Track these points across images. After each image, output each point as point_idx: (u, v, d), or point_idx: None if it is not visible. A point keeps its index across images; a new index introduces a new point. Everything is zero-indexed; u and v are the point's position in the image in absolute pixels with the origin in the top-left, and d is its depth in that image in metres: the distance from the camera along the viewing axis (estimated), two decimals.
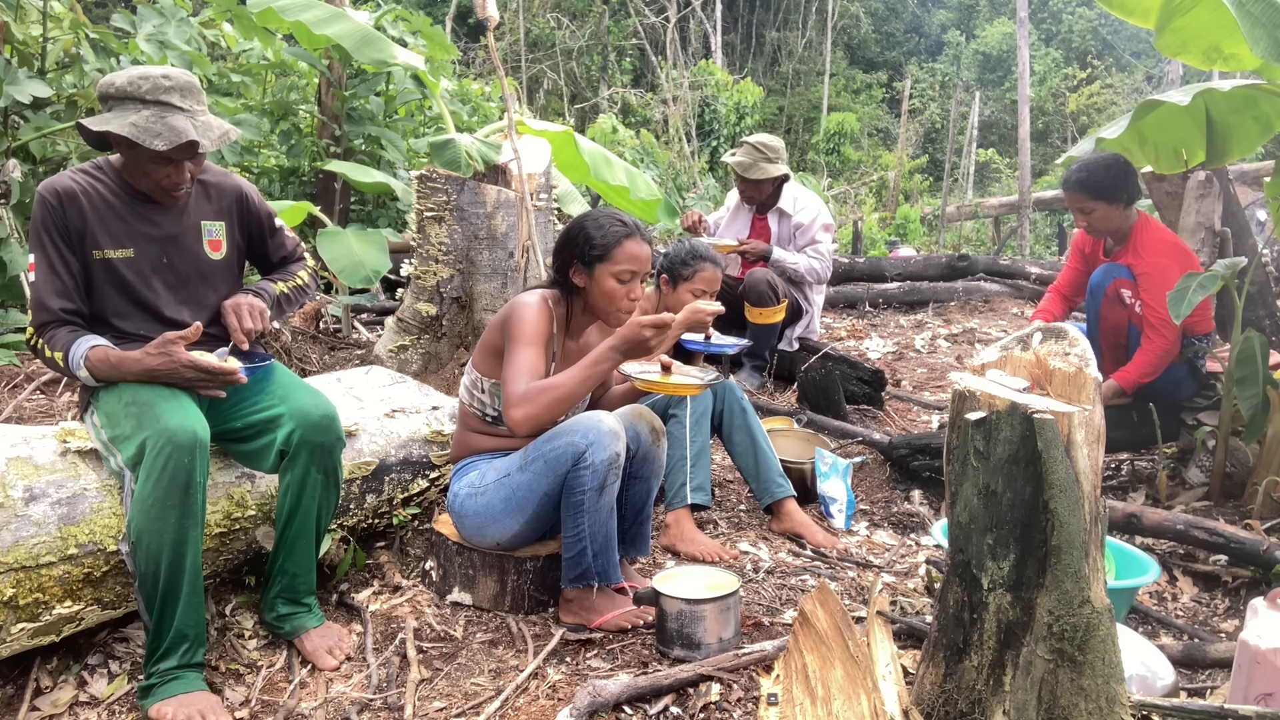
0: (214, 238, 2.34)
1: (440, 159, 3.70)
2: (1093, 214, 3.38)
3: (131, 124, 2.08)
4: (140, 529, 1.95)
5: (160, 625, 1.98)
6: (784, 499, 3.05)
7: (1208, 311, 3.41)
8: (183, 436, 1.97)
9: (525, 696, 2.04)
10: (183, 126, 2.11)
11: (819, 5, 23.02)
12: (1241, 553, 2.54)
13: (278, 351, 4.22)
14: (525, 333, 2.31)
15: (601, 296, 2.38)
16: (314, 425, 2.18)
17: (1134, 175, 3.37)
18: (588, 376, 2.21)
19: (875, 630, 1.91)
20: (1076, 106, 20.49)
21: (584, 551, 2.28)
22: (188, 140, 2.09)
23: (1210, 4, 2.77)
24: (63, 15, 4.84)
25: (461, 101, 8.26)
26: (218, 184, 2.38)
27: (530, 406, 2.18)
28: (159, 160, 2.14)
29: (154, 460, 1.95)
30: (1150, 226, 3.39)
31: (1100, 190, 3.33)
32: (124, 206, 2.21)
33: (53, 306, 2.13)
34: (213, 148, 2.16)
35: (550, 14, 17.39)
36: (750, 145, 4.63)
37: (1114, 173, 3.31)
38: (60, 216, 2.14)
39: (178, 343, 2.07)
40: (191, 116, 2.15)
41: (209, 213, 2.34)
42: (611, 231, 2.35)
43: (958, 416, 1.59)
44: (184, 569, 1.97)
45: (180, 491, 1.95)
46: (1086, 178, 3.35)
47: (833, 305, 7.52)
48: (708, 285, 3.17)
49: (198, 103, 2.19)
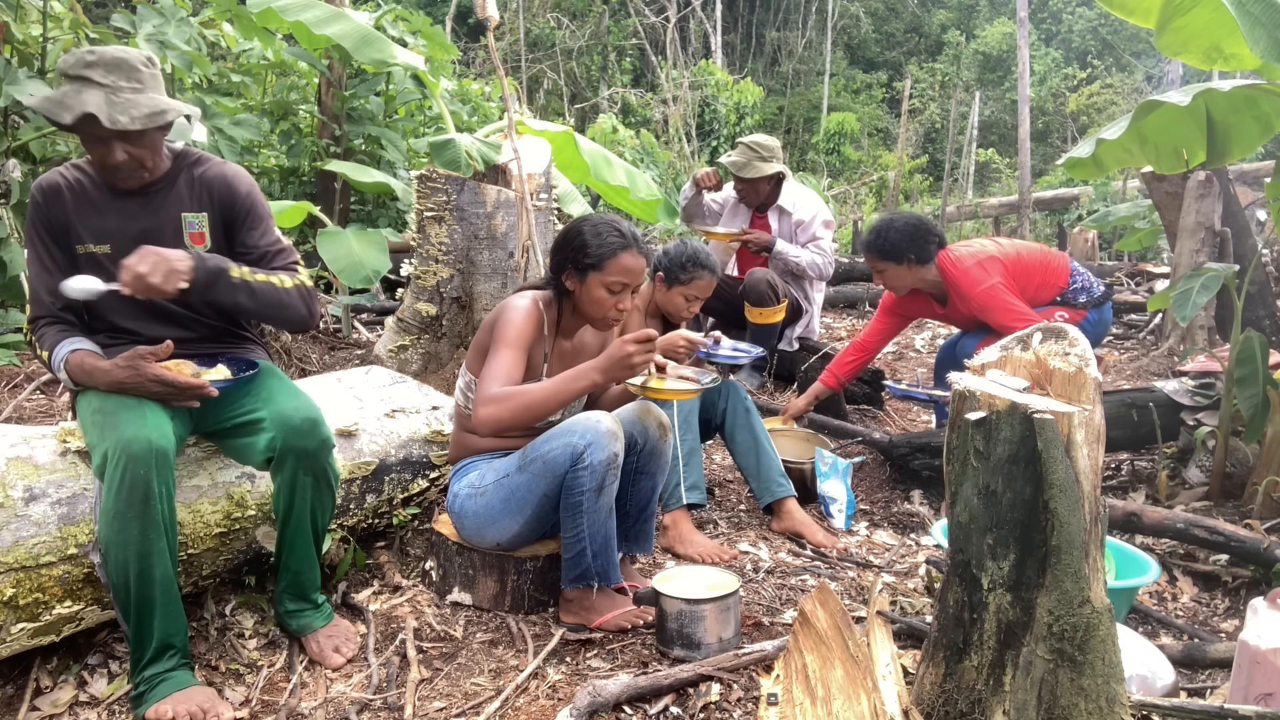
0: (195, 230, 2.27)
1: (440, 159, 3.70)
2: (884, 273, 3.64)
3: (46, 97, 2.04)
4: (106, 541, 1.93)
5: (140, 635, 1.97)
6: (784, 498, 3.06)
7: (1036, 276, 3.60)
8: (137, 447, 1.93)
9: (525, 696, 2.04)
10: (90, 100, 2.01)
11: (819, 5, 23.01)
12: (1241, 552, 2.54)
13: (278, 351, 4.22)
14: (508, 335, 2.31)
15: (591, 303, 2.39)
16: (295, 430, 2.14)
17: (923, 236, 3.55)
18: (563, 391, 2.21)
19: (875, 630, 1.91)
20: (1076, 106, 20.48)
21: (583, 552, 2.28)
22: (84, 113, 2.00)
23: (1210, 4, 2.77)
24: (63, 15, 4.84)
25: (461, 101, 8.26)
26: (204, 174, 2.29)
27: (497, 408, 2.19)
28: (91, 142, 2.08)
29: (113, 471, 1.92)
30: (950, 265, 3.54)
31: (885, 252, 3.57)
32: (104, 201, 2.20)
33: (45, 301, 2.16)
34: (130, 125, 2.04)
35: (550, 14, 17.39)
36: (745, 145, 4.64)
37: (899, 235, 3.54)
38: (45, 213, 2.15)
39: (147, 358, 2.04)
40: (112, 92, 2.04)
41: (190, 204, 2.27)
42: (608, 242, 2.35)
43: (958, 416, 1.59)
44: (153, 580, 1.95)
45: (140, 503, 1.92)
46: (873, 240, 3.62)
47: (833, 305, 7.53)
48: (700, 293, 3.16)
49: (125, 79, 2.07)
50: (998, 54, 22.95)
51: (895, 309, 3.88)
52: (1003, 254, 3.54)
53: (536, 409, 2.20)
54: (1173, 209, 4.93)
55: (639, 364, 2.18)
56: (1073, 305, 3.62)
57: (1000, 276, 3.46)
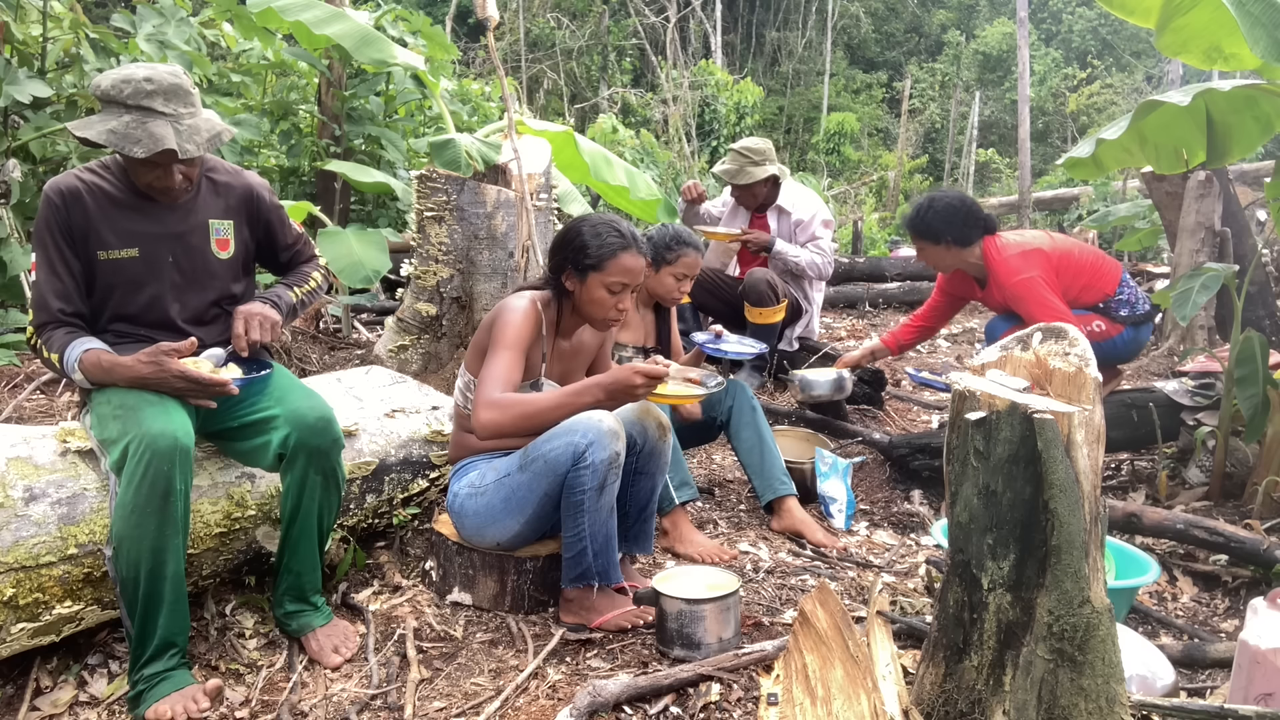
0: (222, 236, 2.32)
1: (440, 159, 3.69)
2: (923, 251, 3.60)
3: (110, 130, 2.06)
4: (120, 535, 1.93)
5: (144, 632, 1.97)
6: (785, 497, 3.06)
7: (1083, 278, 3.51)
8: (163, 443, 1.94)
9: (525, 696, 2.04)
10: (162, 133, 2.07)
11: (819, 5, 23.02)
12: (1241, 552, 2.54)
13: (278, 351, 4.22)
14: (507, 337, 2.31)
15: (590, 304, 2.40)
16: (309, 428, 2.16)
17: (962, 218, 3.49)
18: (566, 406, 2.22)
19: (875, 630, 1.91)
20: (1076, 106, 20.49)
21: (584, 551, 2.28)
22: (164, 149, 2.06)
23: (1210, 4, 2.77)
24: (63, 15, 4.84)
25: (461, 101, 8.27)
26: (228, 181, 2.35)
27: (499, 414, 2.19)
28: (146, 165, 2.12)
29: (134, 466, 1.93)
30: (994, 252, 3.49)
31: (921, 231, 3.53)
32: (129, 205, 2.20)
33: (52, 307, 2.13)
34: (198, 152, 2.12)
35: (550, 14, 17.39)
36: (735, 152, 4.65)
37: (936, 216, 3.49)
38: (64, 217, 2.13)
39: (171, 354, 2.06)
40: (175, 120, 2.11)
41: (217, 211, 2.32)
42: (609, 242, 2.36)
43: (958, 416, 1.59)
44: (165, 576, 1.95)
45: (160, 498, 1.93)
46: (912, 217, 3.57)
47: (833, 305, 7.53)
48: (688, 270, 3.21)
49: (183, 105, 2.14)
50: (998, 54, 22.96)
51: (945, 288, 3.87)
52: (1051, 248, 3.47)
53: (537, 420, 2.22)
54: (1173, 209, 4.93)
55: (643, 395, 2.24)
56: (1111, 317, 3.54)
57: (1040, 270, 3.39)
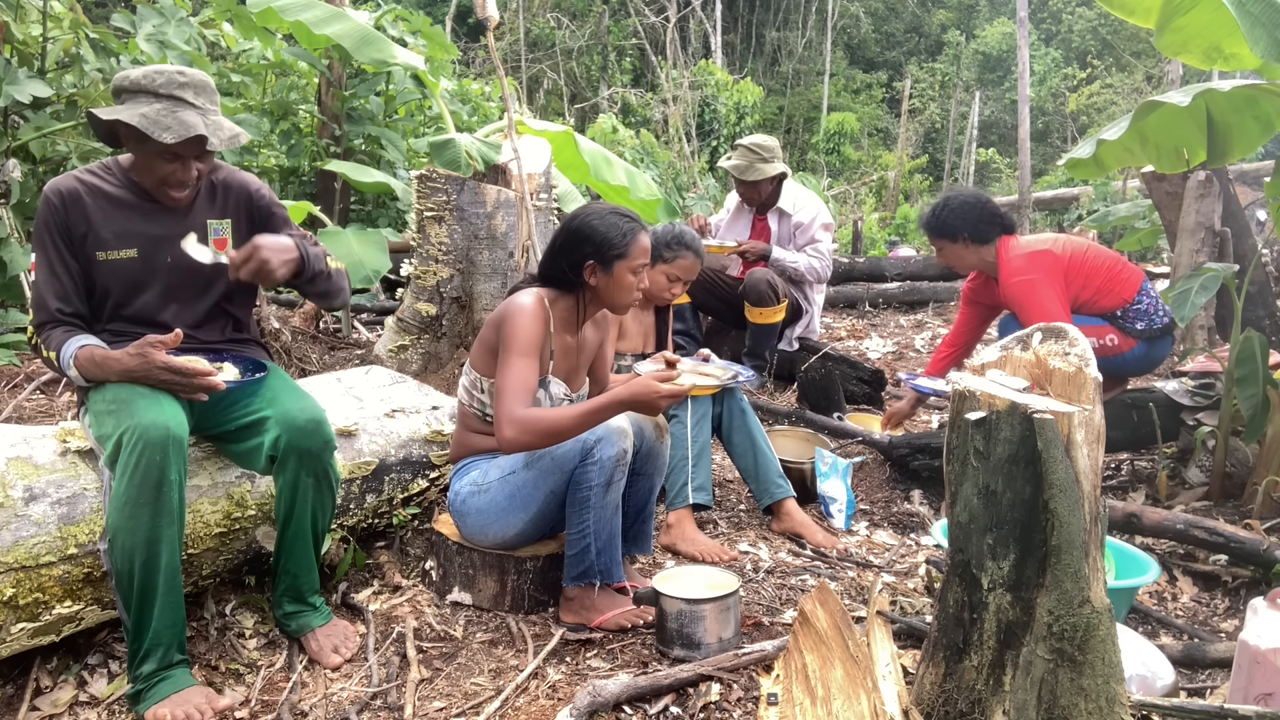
0: (220, 236, 2.32)
1: (440, 159, 3.70)
2: (941, 250, 3.57)
3: (142, 115, 2.08)
4: (115, 527, 1.93)
5: (139, 626, 1.97)
6: (784, 499, 3.06)
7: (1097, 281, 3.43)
8: (155, 433, 1.94)
9: (525, 696, 2.04)
10: (192, 121, 2.10)
11: (819, 5, 23.02)
12: (1241, 552, 2.54)
13: (278, 351, 4.22)
14: (520, 342, 2.29)
15: (619, 290, 2.42)
16: (300, 430, 2.15)
17: (977, 215, 3.46)
18: (590, 421, 2.21)
19: (875, 630, 1.91)
20: (1076, 106, 20.49)
21: (588, 549, 2.28)
22: (196, 135, 2.08)
23: (1210, 4, 2.77)
24: (63, 15, 4.84)
25: (461, 101, 8.27)
26: (225, 181, 2.36)
27: (525, 435, 2.18)
28: (166, 155, 2.13)
29: (127, 457, 1.93)
30: (1003, 251, 3.46)
31: (938, 229, 3.51)
32: (129, 206, 2.21)
33: (51, 307, 2.14)
34: (221, 147, 2.15)
35: (550, 14, 17.40)
36: (745, 148, 4.65)
37: (952, 213, 3.47)
38: (63, 217, 2.14)
39: (157, 346, 2.05)
40: (204, 114, 2.15)
41: (215, 211, 2.33)
42: (627, 229, 2.39)
43: (958, 416, 1.59)
44: (159, 568, 1.95)
45: (153, 489, 1.93)
46: (929, 216, 3.55)
47: (833, 305, 7.52)
48: (683, 273, 3.19)
49: (210, 102, 2.18)
50: (998, 54, 22.97)
51: (970, 297, 3.79)
52: (1061, 250, 3.38)
53: (562, 436, 2.21)
54: (1173, 209, 4.93)
55: (664, 409, 2.26)
56: (1125, 330, 3.40)
57: (1043, 273, 3.31)
